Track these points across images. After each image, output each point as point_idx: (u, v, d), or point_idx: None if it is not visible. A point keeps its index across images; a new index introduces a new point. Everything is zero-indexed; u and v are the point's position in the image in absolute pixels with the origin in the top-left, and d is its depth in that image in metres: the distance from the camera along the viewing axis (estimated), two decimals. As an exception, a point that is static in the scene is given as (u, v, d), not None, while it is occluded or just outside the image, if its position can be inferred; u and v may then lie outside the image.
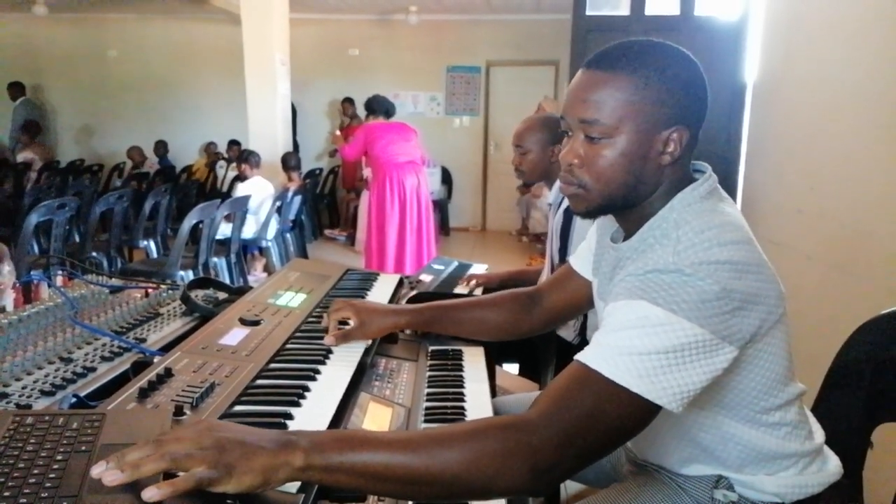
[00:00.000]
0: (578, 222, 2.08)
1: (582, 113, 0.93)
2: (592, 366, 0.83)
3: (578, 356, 0.86)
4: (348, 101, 7.80)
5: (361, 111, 7.67)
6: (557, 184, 2.23)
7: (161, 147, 8.14)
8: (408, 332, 1.53)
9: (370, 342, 1.32)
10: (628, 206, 0.98)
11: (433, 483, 0.78)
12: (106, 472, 0.69)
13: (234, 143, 7.51)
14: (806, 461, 1.03)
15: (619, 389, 0.81)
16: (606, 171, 0.94)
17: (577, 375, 0.84)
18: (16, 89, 8.08)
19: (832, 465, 1.07)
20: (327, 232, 7.54)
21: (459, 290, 2.41)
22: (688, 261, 0.86)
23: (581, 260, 1.27)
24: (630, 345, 0.83)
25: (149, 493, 0.67)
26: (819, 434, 1.08)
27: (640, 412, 0.83)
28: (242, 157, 5.36)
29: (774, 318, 0.92)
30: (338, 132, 6.11)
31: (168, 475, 0.70)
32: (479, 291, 2.39)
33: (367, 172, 5.07)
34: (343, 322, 1.31)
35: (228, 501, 0.71)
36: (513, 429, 0.80)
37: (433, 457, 0.78)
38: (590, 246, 1.24)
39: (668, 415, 0.87)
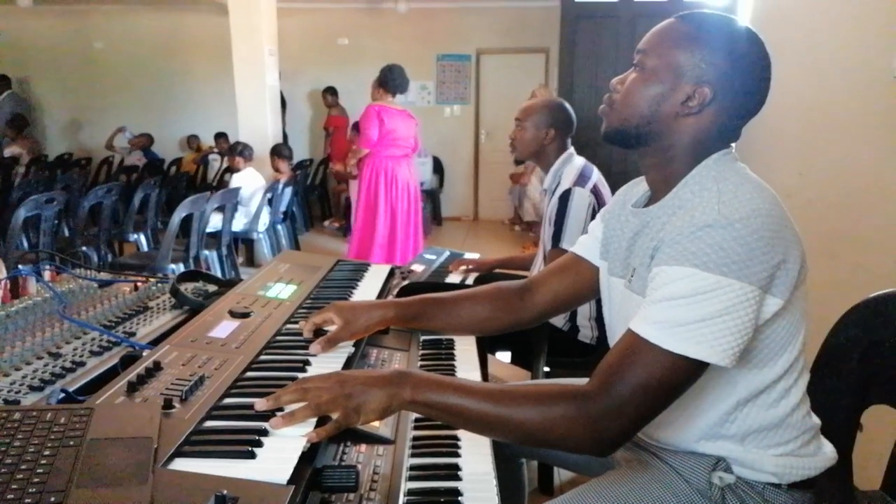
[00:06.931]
0: (573, 209, 2.06)
1: (641, 44, 1.04)
2: (652, 340, 0.90)
3: (635, 328, 0.92)
4: (329, 91, 7.71)
5: (343, 101, 7.65)
6: (553, 169, 2.23)
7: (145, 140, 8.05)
8: None
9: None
10: (641, 140, 1.03)
11: (507, 432, 0.95)
12: (272, 421, 0.88)
13: (220, 136, 7.45)
14: (806, 437, 1.04)
15: (676, 358, 0.89)
16: (629, 93, 1.03)
17: (634, 347, 0.91)
18: (1, 83, 7.98)
19: (828, 450, 1.08)
20: (325, 223, 7.48)
21: (452, 278, 2.41)
22: (736, 213, 0.91)
23: (585, 247, 1.26)
24: (685, 315, 0.89)
25: (311, 436, 0.87)
26: (815, 416, 1.09)
27: (694, 372, 0.90)
28: (236, 149, 5.31)
29: (804, 272, 0.98)
30: (353, 146, 5.09)
31: None
32: (470, 280, 2.39)
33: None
34: (322, 330, 1.24)
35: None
36: (576, 399, 0.91)
37: (510, 411, 0.93)
38: (595, 235, 1.24)
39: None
